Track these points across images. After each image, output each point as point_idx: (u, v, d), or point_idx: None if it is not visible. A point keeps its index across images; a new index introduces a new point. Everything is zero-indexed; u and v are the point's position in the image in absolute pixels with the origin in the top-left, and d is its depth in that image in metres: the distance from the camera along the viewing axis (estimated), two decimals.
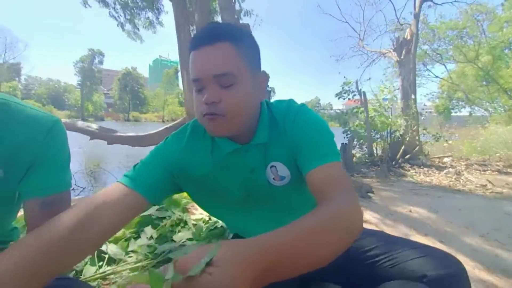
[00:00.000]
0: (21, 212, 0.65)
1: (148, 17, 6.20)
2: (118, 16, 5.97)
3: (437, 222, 2.09)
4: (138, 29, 6.26)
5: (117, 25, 6.07)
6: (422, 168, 4.64)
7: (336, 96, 5.61)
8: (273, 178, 0.68)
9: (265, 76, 0.67)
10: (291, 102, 0.71)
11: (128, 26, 6.18)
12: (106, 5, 5.68)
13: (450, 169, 4.39)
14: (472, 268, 1.41)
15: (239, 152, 0.66)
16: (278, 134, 0.66)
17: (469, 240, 1.77)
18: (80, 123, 4.21)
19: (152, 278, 0.28)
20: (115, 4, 5.74)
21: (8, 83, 44.28)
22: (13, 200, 0.62)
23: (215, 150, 0.67)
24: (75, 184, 4.02)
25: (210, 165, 0.68)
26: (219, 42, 0.57)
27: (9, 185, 0.58)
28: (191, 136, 0.69)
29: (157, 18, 6.27)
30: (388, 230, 1.92)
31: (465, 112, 15.13)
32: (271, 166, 0.67)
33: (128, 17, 6.01)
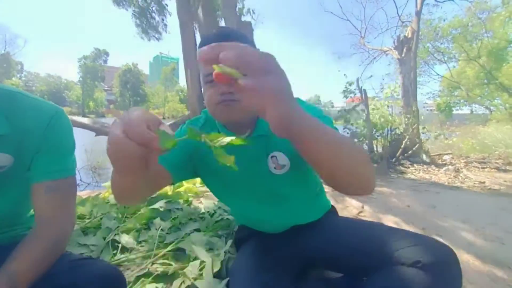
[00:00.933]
0: None
1: (157, 20, 6.30)
2: (138, 21, 6.12)
3: (435, 216, 2.15)
4: (153, 30, 6.38)
5: (138, 29, 6.23)
6: (422, 166, 4.69)
7: (342, 94, 5.67)
8: (274, 167, 0.73)
9: None
10: None
11: (142, 29, 6.30)
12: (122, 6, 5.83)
13: (450, 167, 4.44)
14: (467, 260, 1.47)
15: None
16: None
17: (465, 234, 1.83)
18: (85, 120, 4.27)
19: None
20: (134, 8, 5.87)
21: (10, 80, 44.20)
22: (28, 188, 0.64)
23: None
24: (80, 180, 4.10)
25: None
26: (232, 40, 0.64)
27: (19, 172, 0.61)
28: (205, 123, 0.77)
29: (163, 20, 6.36)
30: (387, 224, 1.98)
31: (466, 110, 15.13)
32: (272, 156, 0.73)
33: (144, 21, 6.14)
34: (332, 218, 0.91)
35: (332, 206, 0.98)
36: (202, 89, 0.73)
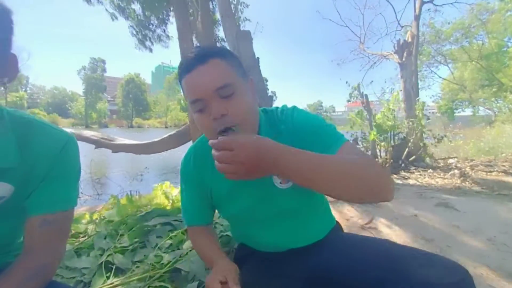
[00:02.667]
0: None
1: (159, 34, 6.40)
2: (136, 33, 6.26)
3: (443, 226, 2.07)
4: (151, 43, 6.50)
5: (136, 43, 6.36)
6: (427, 170, 4.60)
7: (348, 98, 5.74)
8: (280, 182, 0.71)
9: (252, 81, 0.72)
10: (283, 106, 0.76)
11: (142, 40, 6.40)
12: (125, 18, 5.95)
13: (456, 171, 4.35)
14: (480, 273, 1.40)
15: None
16: (278, 137, 0.68)
17: (476, 244, 1.75)
18: (85, 132, 4.27)
19: None
20: (134, 21, 6.00)
21: (15, 93, 44.88)
22: (24, 215, 0.61)
23: None
24: (81, 192, 4.08)
25: (220, 179, 0.72)
26: (210, 59, 0.62)
27: (20, 200, 0.59)
28: (195, 157, 0.80)
29: (165, 31, 6.46)
30: (394, 235, 1.91)
31: (468, 112, 15.02)
32: None
33: (145, 33, 6.27)
34: (337, 235, 0.86)
35: (337, 222, 0.93)
36: (190, 114, 0.72)
